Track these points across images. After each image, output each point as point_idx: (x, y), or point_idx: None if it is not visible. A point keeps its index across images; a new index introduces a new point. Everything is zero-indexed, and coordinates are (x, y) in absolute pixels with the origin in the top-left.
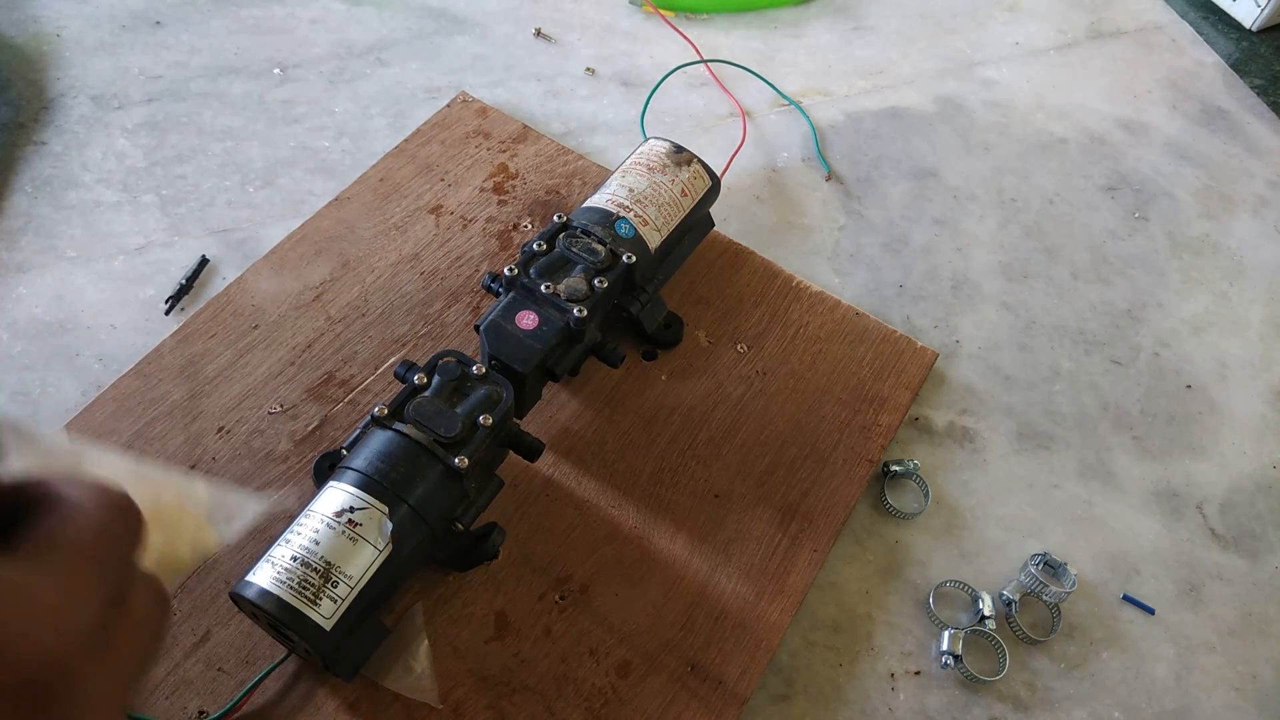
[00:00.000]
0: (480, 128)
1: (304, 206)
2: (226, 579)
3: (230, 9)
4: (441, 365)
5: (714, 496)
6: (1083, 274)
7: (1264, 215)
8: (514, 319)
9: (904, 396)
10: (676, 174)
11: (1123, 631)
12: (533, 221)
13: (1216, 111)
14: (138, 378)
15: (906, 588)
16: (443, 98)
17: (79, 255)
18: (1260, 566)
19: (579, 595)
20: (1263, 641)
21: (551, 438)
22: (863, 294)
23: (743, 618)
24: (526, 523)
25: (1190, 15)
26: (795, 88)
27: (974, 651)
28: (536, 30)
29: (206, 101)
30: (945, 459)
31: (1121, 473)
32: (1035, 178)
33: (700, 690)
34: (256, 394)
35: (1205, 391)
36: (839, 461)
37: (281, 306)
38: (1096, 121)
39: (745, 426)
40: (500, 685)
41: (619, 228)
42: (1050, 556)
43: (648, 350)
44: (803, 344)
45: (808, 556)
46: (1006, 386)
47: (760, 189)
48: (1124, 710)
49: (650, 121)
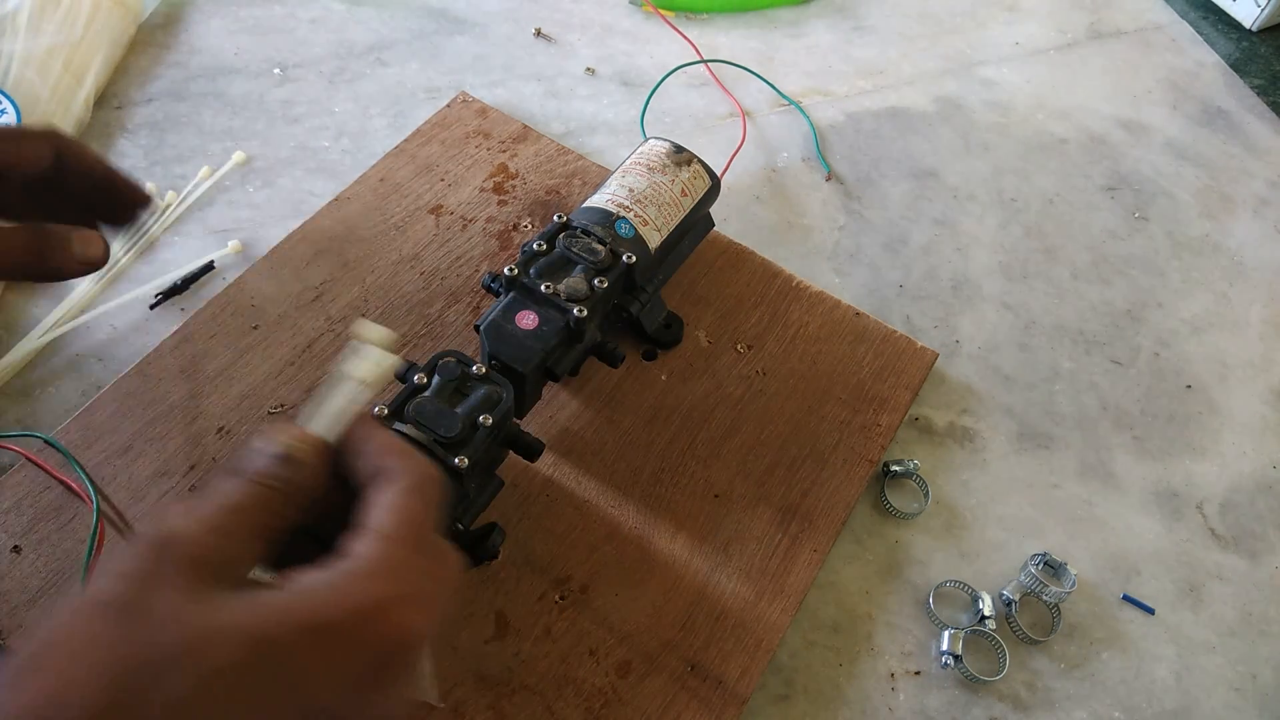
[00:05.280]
0: (480, 128)
1: (304, 206)
2: None
3: (230, 9)
4: (441, 365)
5: (714, 496)
6: (1083, 274)
7: (1264, 215)
8: (514, 319)
9: (904, 396)
10: (676, 174)
11: (1123, 631)
12: (533, 221)
13: (1216, 111)
14: (138, 378)
15: (906, 588)
16: (443, 98)
17: None
18: (1260, 566)
19: (579, 595)
20: (1263, 641)
21: (551, 438)
22: (863, 294)
23: (743, 618)
24: (526, 523)
25: (1190, 15)
26: (795, 88)
27: (974, 651)
28: (536, 30)
29: (206, 101)
30: (945, 459)
31: (1121, 473)
32: (1035, 178)
33: (700, 690)
34: (256, 394)
35: (1205, 391)
36: (839, 461)
37: (281, 306)
38: (1096, 121)
39: (745, 426)
40: (500, 685)
41: (619, 228)
42: (1050, 556)
43: (648, 350)
44: (803, 344)
45: (808, 556)
46: (1006, 386)
47: (760, 189)
48: (1124, 710)
49: (650, 121)
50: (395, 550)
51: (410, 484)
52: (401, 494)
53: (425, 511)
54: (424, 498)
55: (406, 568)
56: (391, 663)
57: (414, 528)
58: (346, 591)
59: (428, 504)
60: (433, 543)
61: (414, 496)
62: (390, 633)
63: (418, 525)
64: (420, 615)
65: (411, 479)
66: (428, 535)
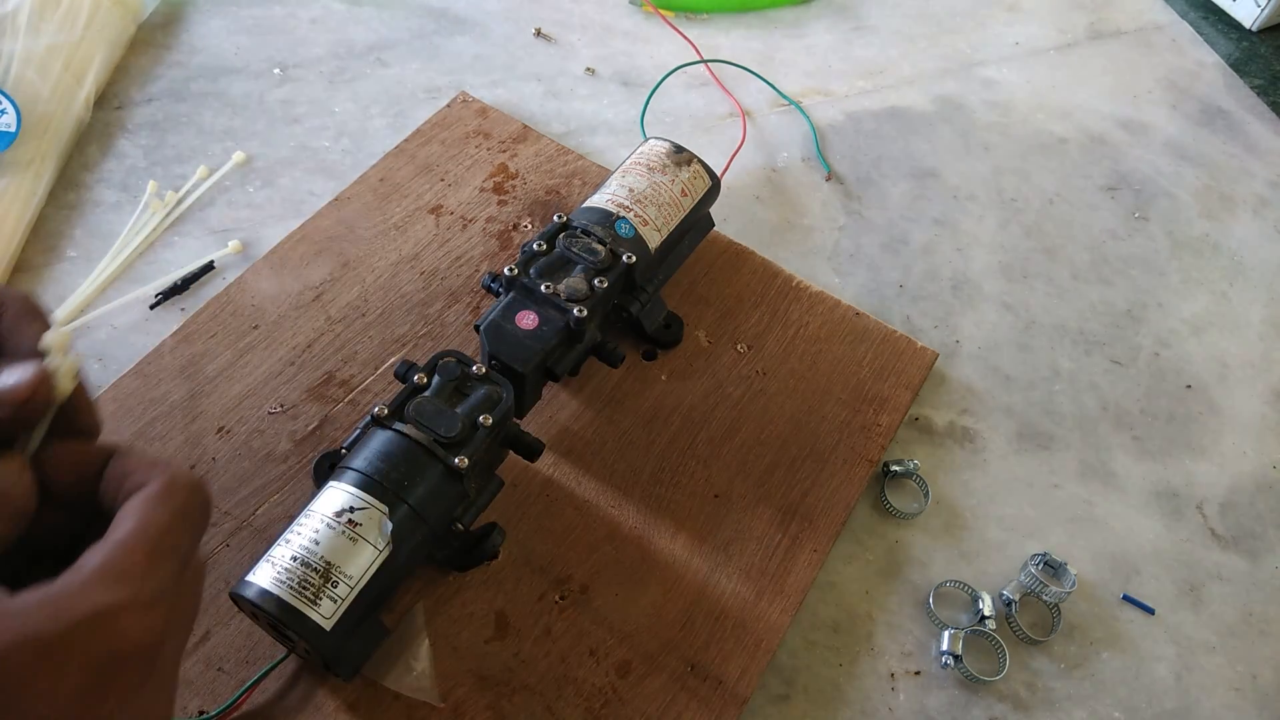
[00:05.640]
0: (480, 128)
1: (304, 206)
2: (227, 579)
3: (230, 9)
4: (441, 365)
5: (714, 496)
6: (1083, 274)
7: (1264, 215)
8: (514, 319)
9: (904, 396)
10: (676, 174)
11: (1123, 631)
12: (533, 221)
13: (1216, 111)
14: (138, 378)
15: (906, 588)
16: (443, 98)
17: (79, 255)
18: (1260, 566)
19: (579, 595)
20: (1263, 641)
21: (551, 438)
22: (863, 294)
23: (743, 618)
24: (526, 523)
25: (1190, 15)
26: (795, 88)
27: (974, 651)
28: (536, 30)
29: (206, 101)
30: (945, 459)
31: (1121, 473)
32: (1035, 178)
33: (700, 690)
34: (256, 394)
35: (1205, 391)
36: (839, 461)
37: (281, 306)
38: (1096, 121)
39: (745, 426)
40: (500, 685)
41: (619, 228)
42: (1050, 556)
43: (648, 350)
44: (803, 344)
45: (808, 556)
46: (1006, 386)
47: (760, 189)
48: (1124, 710)
49: (650, 121)
50: (125, 557)
51: (155, 491)
52: (143, 501)
53: (170, 519)
54: (169, 504)
55: (137, 574)
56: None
57: (152, 534)
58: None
59: (174, 511)
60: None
61: (157, 503)
62: (113, 642)
63: (157, 531)
64: (148, 621)
65: (157, 486)
66: (169, 541)
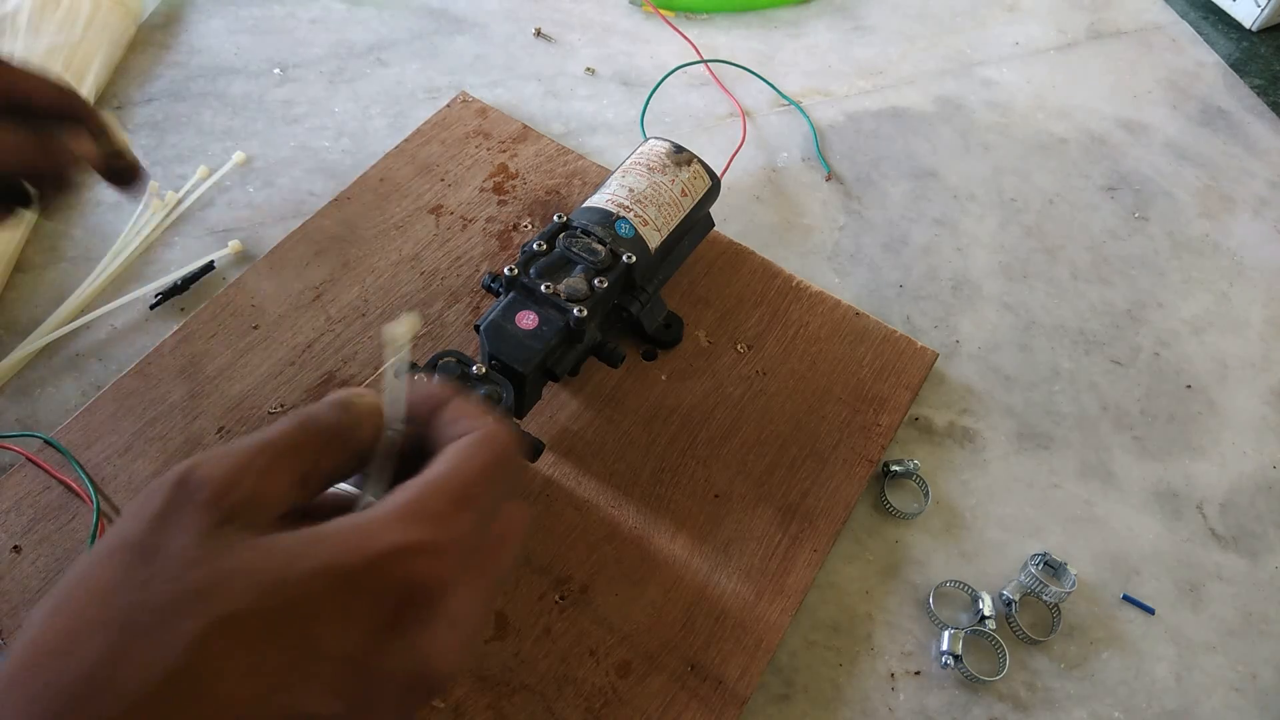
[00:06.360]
0: (480, 128)
1: (304, 206)
2: None
3: (230, 9)
4: (441, 365)
5: (714, 496)
6: (1083, 274)
7: (1264, 215)
8: (514, 319)
9: (904, 396)
10: (676, 174)
11: (1123, 631)
12: (533, 221)
13: (1216, 111)
14: (138, 378)
15: (906, 588)
16: (443, 98)
17: (78, 255)
18: (1260, 566)
19: (579, 595)
20: (1263, 641)
21: (551, 438)
22: (863, 294)
23: (743, 618)
24: None
25: (1190, 15)
26: (795, 88)
27: (974, 651)
28: (536, 30)
29: (206, 101)
30: (945, 459)
31: (1121, 473)
32: (1035, 178)
33: (700, 690)
34: (256, 394)
35: (1205, 391)
36: (839, 461)
37: (281, 306)
38: (1096, 121)
39: (745, 426)
40: (500, 685)
41: (619, 228)
42: (1050, 556)
43: (648, 350)
44: (803, 344)
45: (808, 556)
46: (1006, 386)
47: (760, 189)
48: (1124, 710)
49: (650, 121)
50: (432, 499)
51: (472, 440)
52: (459, 448)
53: (480, 469)
54: (483, 453)
55: (441, 517)
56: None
57: (462, 480)
58: (366, 536)
59: (486, 460)
60: (485, 498)
61: (471, 452)
62: (407, 579)
63: (468, 478)
64: (444, 567)
65: (476, 436)
66: (480, 490)
